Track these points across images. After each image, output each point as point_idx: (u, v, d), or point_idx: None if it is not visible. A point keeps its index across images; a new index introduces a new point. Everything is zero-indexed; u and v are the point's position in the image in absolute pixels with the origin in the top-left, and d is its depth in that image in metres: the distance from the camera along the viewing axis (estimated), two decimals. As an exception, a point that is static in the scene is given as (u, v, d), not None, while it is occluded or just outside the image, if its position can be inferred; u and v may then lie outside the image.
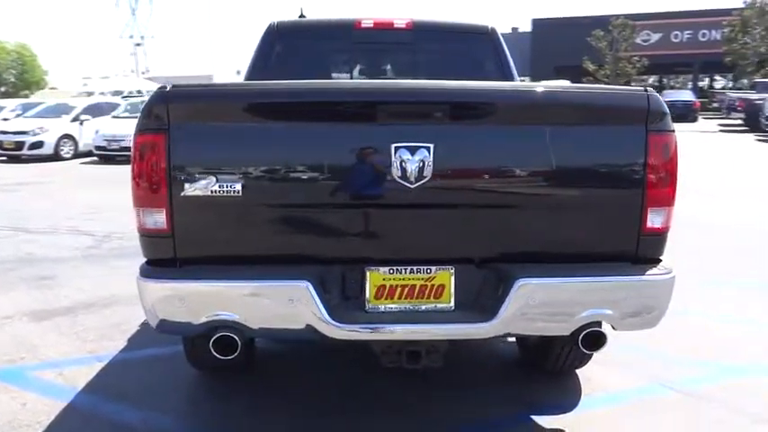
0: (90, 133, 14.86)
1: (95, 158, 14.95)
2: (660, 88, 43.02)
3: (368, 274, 2.33)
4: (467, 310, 2.33)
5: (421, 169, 2.22)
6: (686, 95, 31.16)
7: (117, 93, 29.36)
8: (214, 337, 2.24)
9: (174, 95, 2.24)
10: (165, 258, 2.31)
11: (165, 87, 2.25)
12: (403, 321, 2.29)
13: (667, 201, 2.35)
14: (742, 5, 36.84)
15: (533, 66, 45.99)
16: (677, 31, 43.23)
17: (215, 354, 2.26)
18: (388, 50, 4.17)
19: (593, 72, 37.71)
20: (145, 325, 4.09)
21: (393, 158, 2.22)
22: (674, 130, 2.35)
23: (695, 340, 3.82)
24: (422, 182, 2.22)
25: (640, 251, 2.37)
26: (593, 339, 2.31)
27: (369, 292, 2.33)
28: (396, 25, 4.08)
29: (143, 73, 59.62)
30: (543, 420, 2.94)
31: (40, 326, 4.13)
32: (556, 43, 42.07)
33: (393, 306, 2.34)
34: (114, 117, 15.59)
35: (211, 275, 2.24)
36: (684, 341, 3.75)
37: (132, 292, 4.61)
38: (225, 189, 2.22)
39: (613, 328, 2.36)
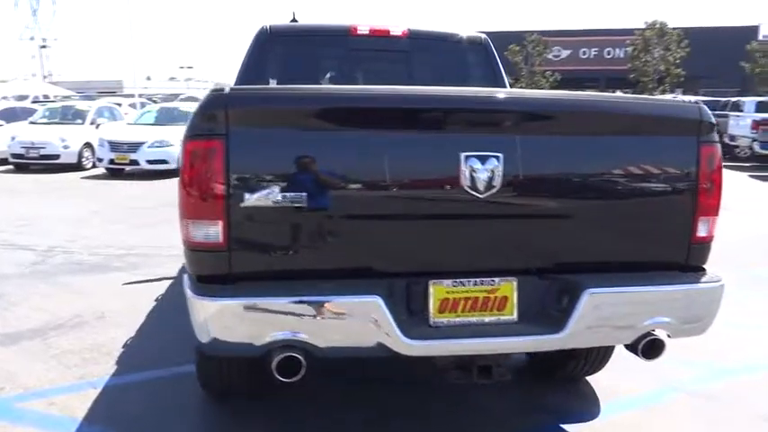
0: (5, 139, 13.77)
1: (11, 167, 13.89)
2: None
3: (432, 287, 2.25)
4: (530, 321, 2.30)
5: (490, 179, 2.17)
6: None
7: (22, 97, 27.47)
8: (278, 359, 2.08)
9: (234, 98, 2.09)
10: (217, 275, 2.14)
11: (222, 89, 2.09)
12: (469, 335, 2.22)
13: (714, 210, 2.42)
14: (643, 26, 39.32)
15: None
16: (585, 48, 45.56)
17: (277, 376, 2.10)
18: (384, 58, 4.11)
19: (510, 85, 39.00)
20: (130, 346, 3.81)
21: (462, 168, 2.16)
22: (719, 142, 2.43)
23: (694, 342, 3.95)
24: (490, 192, 2.18)
25: (689, 259, 2.42)
26: (652, 347, 2.33)
27: (432, 305, 2.25)
28: (392, 33, 4.04)
29: (45, 77, 56.24)
30: (572, 429, 2.95)
31: (10, 351, 3.75)
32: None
33: (457, 320, 2.27)
34: (32, 123, 14.54)
35: (275, 292, 2.09)
36: (684, 343, 3.87)
37: (98, 311, 4.36)
38: (287, 199, 2.09)
39: (668, 336, 2.39)
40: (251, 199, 2.08)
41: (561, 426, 2.98)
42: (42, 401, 3.09)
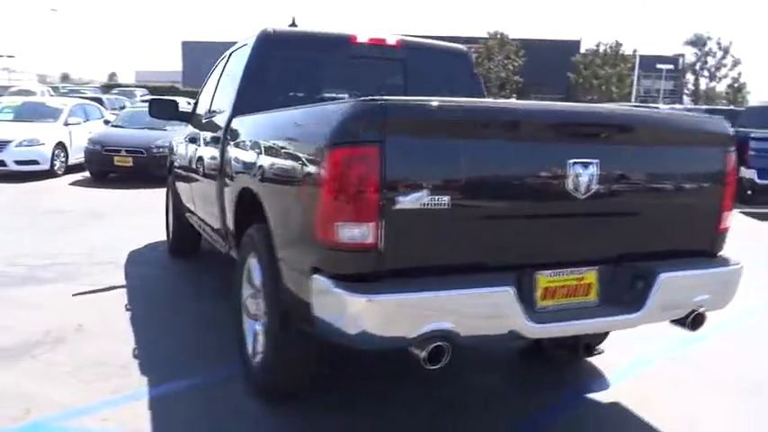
0: None
1: None
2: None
3: (538, 277, 2.54)
4: (609, 304, 2.67)
5: (589, 182, 2.51)
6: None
7: None
8: (429, 348, 2.25)
9: (392, 108, 2.22)
10: (364, 273, 2.26)
11: (377, 100, 2.22)
12: (571, 318, 2.54)
13: (731, 206, 2.96)
14: (486, 36, 42.34)
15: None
16: (432, 53, 48.00)
17: (427, 365, 2.27)
18: (380, 65, 4.30)
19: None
20: (141, 357, 3.66)
21: (569, 173, 2.48)
22: (735, 149, 2.97)
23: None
24: (589, 193, 2.52)
25: (715, 247, 2.95)
26: (698, 320, 2.80)
27: (538, 293, 2.55)
28: (388, 42, 4.26)
29: None
30: (595, 397, 3.38)
31: (10, 372, 3.44)
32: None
33: (555, 305, 2.58)
34: None
35: (426, 287, 2.26)
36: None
37: (69, 324, 4.10)
38: (433, 202, 2.27)
39: (703, 310, 2.88)
40: (402, 202, 2.24)
41: (585, 396, 3.40)
42: (93, 418, 2.92)
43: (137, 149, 11.29)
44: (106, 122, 13.70)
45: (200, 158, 4.53)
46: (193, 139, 4.94)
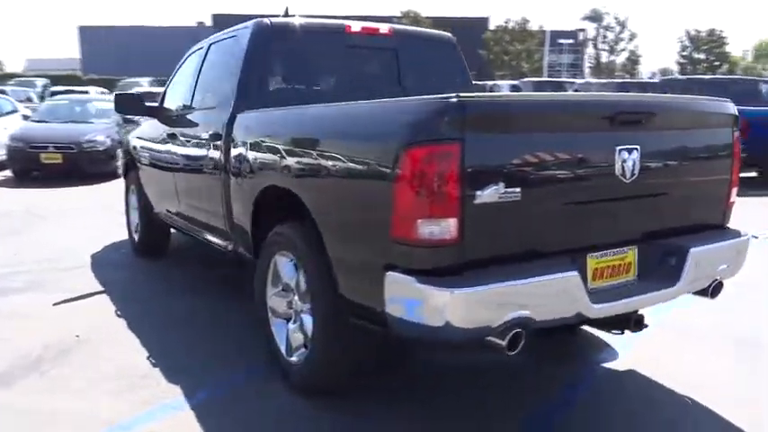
0: None
1: None
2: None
3: (588, 260, 2.68)
4: (645, 280, 2.85)
5: (633, 167, 2.66)
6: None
7: None
8: (510, 335, 2.34)
9: (470, 105, 2.26)
10: (445, 266, 2.31)
11: (455, 97, 2.25)
12: (620, 296, 2.69)
13: (737, 182, 3.21)
14: (400, 14, 42.52)
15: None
16: (345, 33, 47.72)
17: (508, 352, 2.36)
18: (374, 54, 4.30)
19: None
20: (161, 365, 3.55)
21: (617, 159, 2.62)
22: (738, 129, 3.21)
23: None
24: (633, 177, 2.67)
25: (725, 220, 3.20)
26: (718, 289, 3.03)
27: (589, 275, 2.68)
28: (380, 31, 4.26)
29: None
30: (611, 366, 3.60)
31: (20, 392, 3.24)
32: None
33: (603, 285, 2.72)
34: None
35: (503, 277, 2.34)
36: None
37: (65, 335, 3.97)
38: (507, 194, 2.35)
39: (720, 279, 3.12)
40: (481, 196, 2.29)
41: (604, 365, 3.61)
42: (143, 429, 2.84)
43: (66, 145, 10.67)
44: (25, 117, 12.83)
45: (191, 156, 4.38)
46: (172, 136, 4.75)
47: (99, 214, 8.05)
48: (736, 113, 3.12)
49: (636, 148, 2.66)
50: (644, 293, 2.75)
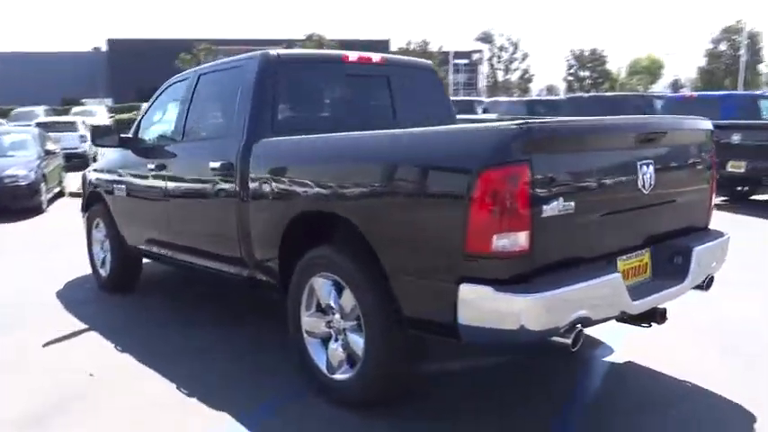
0: None
1: None
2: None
3: (618, 263, 3.03)
4: (658, 278, 3.23)
5: (650, 179, 3.05)
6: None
7: None
8: (574, 333, 2.63)
9: (535, 130, 2.55)
10: (517, 275, 2.57)
11: (523, 124, 2.53)
12: (648, 293, 3.05)
13: (715, 189, 3.69)
14: (304, 37, 42.77)
15: (114, 86, 44.35)
16: (249, 56, 47.38)
17: (572, 348, 2.64)
18: (370, 81, 4.51)
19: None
20: (196, 390, 3.57)
21: (639, 172, 3.00)
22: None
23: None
24: (650, 189, 3.06)
25: (708, 222, 3.67)
26: (710, 282, 3.47)
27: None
28: (374, 60, 4.51)
29: None
30: (612, 360, 3.98)
31: None
32: (139, 65, 41.48)
33: (630, 284, 3.07)
34: None
35: (565, 282, 2.63)
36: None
37: (75, 374, 3.92)
38: (565, 207, 2.66)
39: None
40: (546, 210, 2.59)
41: (596, 361, 3.98)
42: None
43: (-16, 181, 10.04)
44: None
45: (191, 186, 4.41)
46: (160, 167, 4.73)
47: (42, 251, 7.71)
48: (712, 129, 3.61)
49: (651, 163, 3.05)
50: (664, 290, 3.13)
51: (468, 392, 3.58)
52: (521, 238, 2.54)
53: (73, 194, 13.21)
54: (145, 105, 5.38)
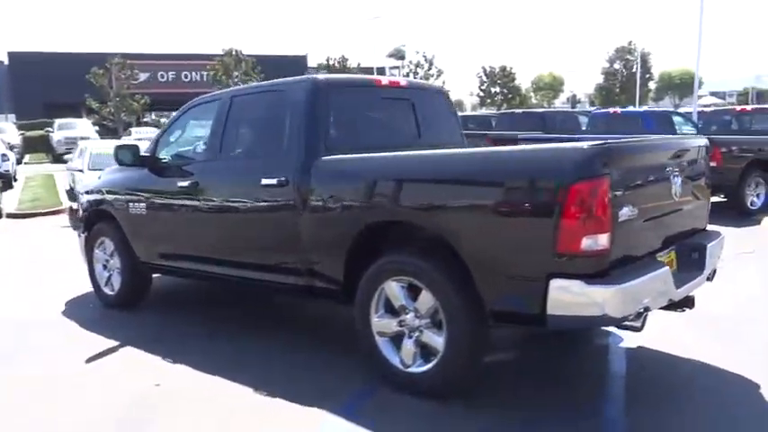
0: None
1: None
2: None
3: (657, 259, 3.60)
4: (683, 271, 3.82)
5: (679, 188, 3.66)
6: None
7: None
8: (643, 318, 3.17)
9: (613, 149, 3.09)
10: (597, 271, 3.07)
11: (604, 143, 3.05)
12: (682, 282, 3.62)
13: (710, 195, 4.37)
14: (221, 53, 42.23)
15: (17, 102, 42.14)
16: (163, 71, 46.26)
17: (639, 330, 3.18)
18: (399, 104, 4.92)
19: (98, 110, 37.17)
20: (278, 392, 3.82)
21: (672, 183, 3.60)
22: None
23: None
24: (678, 195, 3.67)
25: (707, 224, 4.34)
26: (713, 274, 4.12)
27: (657, 271, 3.60)
28: (401, 84, 4.96)
29: None
30: (626, 345, 4.55)
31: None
32: (45, 79, 39.64)
33: (669, 276, 3.65)
34: None
35: (634, 275, 3.16)
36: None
37: (145, 383, 4.07)
38: (632, 212, 3.20)
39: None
40: (621, 216, 3.12)
41: (614, 347, 4.56)
42: None
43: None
44: None
45: (238, 201, 4.64)
46: (195, 184, 4.90)
47: (24, 270, 7.55)
48: (708, 145, 4.29)
49: (679, 174, 3.66)
50: (692, 280, 3.72)
51: (519, 380, 4.04)
52: (604, 239, 3.05)
53: (12, 215, 12.72)
54: (162, 125, 5.51)
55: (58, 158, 26.78)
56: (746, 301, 5.57)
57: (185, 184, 4.99)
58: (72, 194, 14.52)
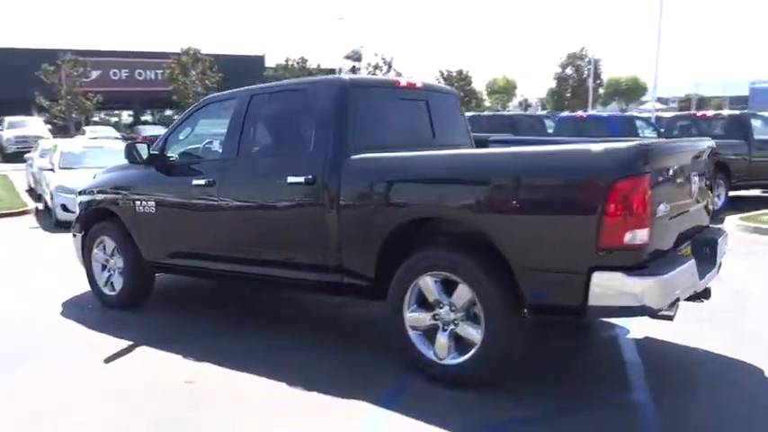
0: None
1: None
2: (134, 124, 44.30)
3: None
4: (698, 264, 4.06)
5: (696, 187, 3.90)
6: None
7: None
8: (675, 308, 3.37)
9: (653, 149, 3.29)
10: (636, 263, 3.26)
11: (644, 144, 3.24)
12: (702, 275, 3.83)
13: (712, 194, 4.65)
14: (178, 51, 41.49)
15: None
16: (116, 69, 45.11)
17: (672, 320, 3.39)
18: (415, 105, 5.02)
19: (48, 108, 36.02)
20: (322, 385, 3.88)
21: (692, 182, 3.83)
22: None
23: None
24: (693, 196, 3.91)
25: (709, 221, 4.61)
26: (720, 267, 4.38)
27: (678, 264, 3.83)
28: (417, 85, 5.07)
29: None
30: (633, 336, 4.79)
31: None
32: (-8, 76, 38.23)
33: (682, 269, 3.88)
34: None
35: (668, 268, 3.36)
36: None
37: (175, 380, 4.19)
38: (666, 209, 3.41)
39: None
40: (658, 212, 3.32)
41: (623, 338, 4.79)
42: None
43: None
44: None
45: (262, 199, 4.69)
46: (211, 182, 4.90)
47: (7, 273, 7.34)
48: (714, 146, 4.56)
49: (696, 174, 3.90)
50: (708, 273, 3.95)
51: (540, 370, 4.21)
52: (644, 234, 3.24)
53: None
54: (172, 123, 5.47)
55: (9, 158, 25.80)
56: (734, 294, 5.88)
57: (202, 182, 4.98)
58: (35, 194, 14.15)
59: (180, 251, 5.30)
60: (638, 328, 4.92)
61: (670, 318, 3.45)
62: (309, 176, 4.30)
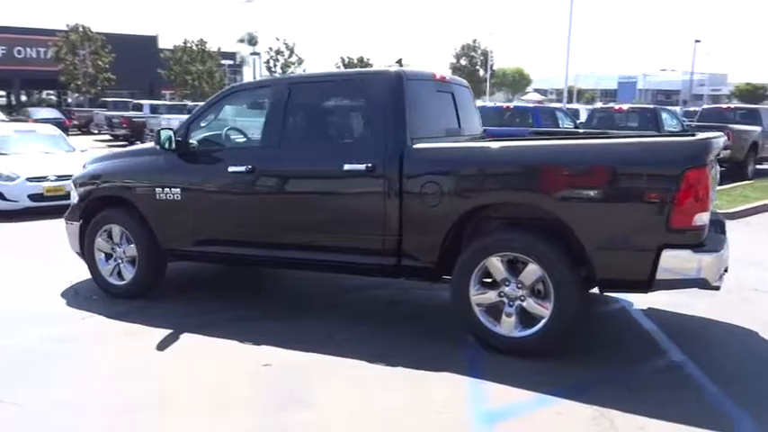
0: None
1: None
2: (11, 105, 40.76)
3: (705, 232, 4.41)
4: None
5: (717, 175, 4.50)
6: (55, 113, 30.95)
7: None
8: (722, 281, 3.94)
9: (710, 142, 3.80)
10: (699, 242, 3.78)
11: (705, 137, 3.74)
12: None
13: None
14: (66, 28, 38.70)
15: None
16: (-9, 45, 41.37)
17: (718, 290, 3.95)
18: (446, 96, 5.32)
19: None
20: (413, 362, 4.12)
21: (716, 170, 4.42)
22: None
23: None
24: (717, 181, 4.51)
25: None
26: (725, 246, 5.05)
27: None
28: (447, 78, 5.39)
29: None
30: (639, 307, 5.39)
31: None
32: None
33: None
34: None
35: (719, 245, 3.92)
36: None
37: (251, 364, 4.21)
38: (713, 195, 3.96)
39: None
40: (711, 197, 3.85)
41: (630, 311, 5.38)
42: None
43: None
44: None
45: (314, 186, 4.84)
46: (252, 169, 4.93)
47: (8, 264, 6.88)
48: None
49: (716, 164, 4.50)
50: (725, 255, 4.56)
51: (581, 341, 4.68)
52: (705, 216, 3.78)
53: None
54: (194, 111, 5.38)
55: None
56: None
57: (240, 169, 4.99)
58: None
59: (212, 238, 5.26)
60: (639, 301, 5.54)
61: (718, 288, 4.02)
62: (369, 164, 4.49)
